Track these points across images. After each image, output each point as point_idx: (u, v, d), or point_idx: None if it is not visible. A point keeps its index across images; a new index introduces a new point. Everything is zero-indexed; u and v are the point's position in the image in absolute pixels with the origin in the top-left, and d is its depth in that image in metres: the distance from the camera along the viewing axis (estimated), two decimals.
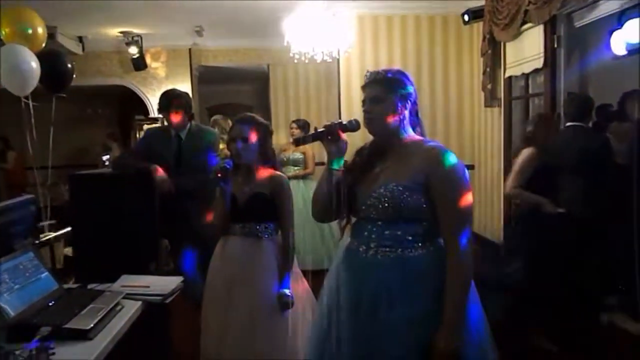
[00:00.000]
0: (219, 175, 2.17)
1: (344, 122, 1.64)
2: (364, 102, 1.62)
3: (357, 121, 1.66)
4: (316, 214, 1.73)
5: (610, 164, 3.44)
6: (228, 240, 2.30)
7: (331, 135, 1.61)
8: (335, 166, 1.63)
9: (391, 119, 1.57)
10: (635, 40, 3.10)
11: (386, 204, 1.53)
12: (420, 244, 1.54)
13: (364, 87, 1.64)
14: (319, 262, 4.72)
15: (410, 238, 1.54)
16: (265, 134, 2.30)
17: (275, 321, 2.16)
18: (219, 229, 2.32)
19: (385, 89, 1.58)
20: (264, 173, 2.28)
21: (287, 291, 2.17)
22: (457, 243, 1.50)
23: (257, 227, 2.26)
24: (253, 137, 2.23)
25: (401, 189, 1.52)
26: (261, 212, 2.25)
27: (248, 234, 2.26)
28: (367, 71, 1.65)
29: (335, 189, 1.62)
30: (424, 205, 1.52)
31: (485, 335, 1.58)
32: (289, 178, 4.77)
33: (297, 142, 1.79)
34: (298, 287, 2.29)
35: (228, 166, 2.21)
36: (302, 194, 4.91)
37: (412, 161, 1.55)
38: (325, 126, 1.62)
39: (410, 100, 1.61)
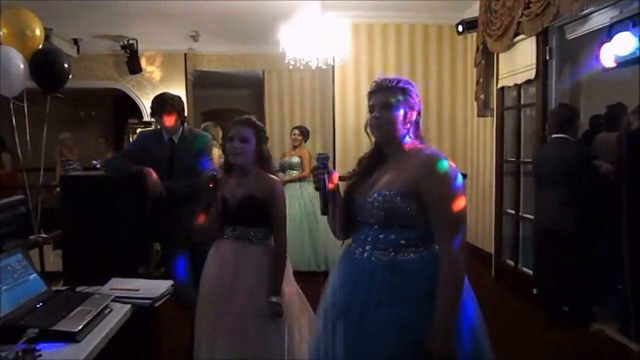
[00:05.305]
0: (211, 185, 2.19)
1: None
2: (372, 107, 1.66)
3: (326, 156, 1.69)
4: (337, 234, 1.76)
5: (588, 176, 3.47)
6: (221, 244, 2.29)
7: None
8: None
9: (400, 126, 1.62)
10: (623, 53, 3.15)
11: (379, 209, 1.57)
12: (413, 249, 1.57)
13: (372, 93, 1.67)
14: (311, 264, 4.79)
15: (403, 242, 1.57)
16: (262, 136, 2.31)
17: (265, 326, 2.14)
18: (212, 232, 2.30)
19: (397, 96, 1.62)
20: (258, 176, 2.28)
21: (277, 299, 2.14)
22: (448, 248, 1.53)
23: (248, 231, 2.25)
24: (250, 139, 2.24)
25: (393, 194, 1.55)
26: (252, 215, 2.24)
27: (239, 238, 2.25)
28: (378, 78, 1.68)
29: (341, 205, 1.68)
30: (416, 211, 1.55)
31: (482, 338, 1.59)
32: (287, 182, 4.90)
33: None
34: (289, 291, 2.27)
35: (215, 173, 2.23)
36: (297, 198, 4.99)
37: (408, 168, 1.59)
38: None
39: (416, 110, 1.66)
